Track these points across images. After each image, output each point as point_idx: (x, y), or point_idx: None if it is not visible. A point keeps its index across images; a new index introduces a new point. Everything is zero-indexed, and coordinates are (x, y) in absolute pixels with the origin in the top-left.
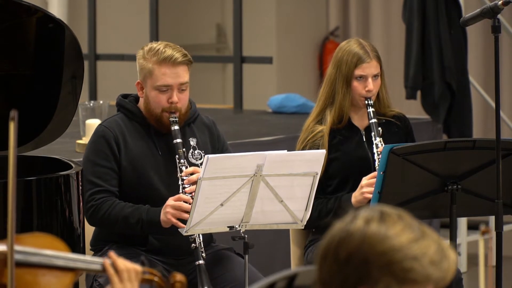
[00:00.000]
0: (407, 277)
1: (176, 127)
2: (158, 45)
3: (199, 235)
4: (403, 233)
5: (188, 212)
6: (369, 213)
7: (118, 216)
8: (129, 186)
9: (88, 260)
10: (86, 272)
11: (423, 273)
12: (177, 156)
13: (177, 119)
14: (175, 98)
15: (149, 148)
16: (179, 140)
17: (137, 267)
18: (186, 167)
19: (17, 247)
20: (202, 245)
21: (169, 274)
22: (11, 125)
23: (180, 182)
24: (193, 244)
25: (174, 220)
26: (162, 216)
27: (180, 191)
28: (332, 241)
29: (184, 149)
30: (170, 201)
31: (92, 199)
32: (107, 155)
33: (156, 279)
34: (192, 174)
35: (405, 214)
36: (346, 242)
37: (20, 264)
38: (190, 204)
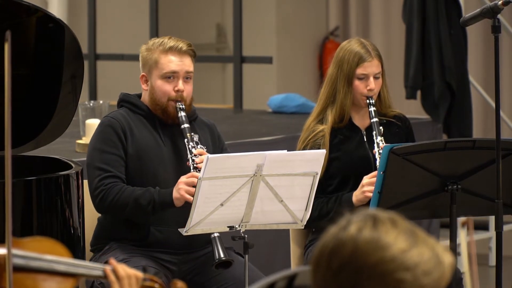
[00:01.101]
0: None
1: (183, 114)
2: (161, 38)
3: None
4: (396, 241)
5: None
6: (362, 219)
7: (129, 199)
8: (133, 175)
9: (90, 266)
10: (88, 278)
11: (416, 284)
12: (186, 139)
13: (183, 106)
14: (181, 86)
15: (155, 139)
16: (186, 125)
17: (138, 273)
18: (196, 149)
19: (18, 252)
20: None
21: (170, 281)
22: (6, 46)
23: (191, 163)
24: None
25: (188, 196)
26: (175, 193)
27: (192, 169)
28: (325, 249)
29: (192, 134)
30: (183, 178)
31: (101, 184)
32: (115, 143)
33: (157, 286)
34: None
35: (399, 219)
36: (338, 251)
37: (21, 269)
38: None
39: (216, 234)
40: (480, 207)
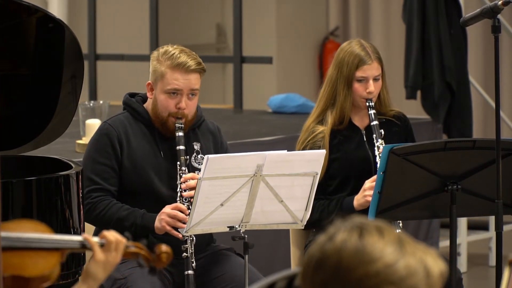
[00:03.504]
0: None
1: (181, 134)
2: (174, 50)
3: (191, 244)
4: (382, 254)
5: (183, 222)
6: (349, 229)
7: (113, 217)
8: (129, 186)
9: (68, 239)
10: (72, 251)
11: None
12: (178, 163)
13: (182, 125)
14: (183, 104)
15: (152, 149)
16: (182, 147)
17: (123, 239)
18: (186, 173)
19: (1, 233)
20: (193, 255)
21: (154, 247)
22: None
23: (178, 189)
24: (184, 254)
25: (168, 228)
26: (156, 223)
27: (178, 198)
28: (311, 261)
29: (186, 157)
30: (167, 208)
31: (89, 196)
32: (108, 154)
33: (142, 252)
34: (192, 179)
35: (387, 229)
36: (322, 266)
37: (6, 248)
38: (187, 214)
39: (189, 272)
40: (480, 207)
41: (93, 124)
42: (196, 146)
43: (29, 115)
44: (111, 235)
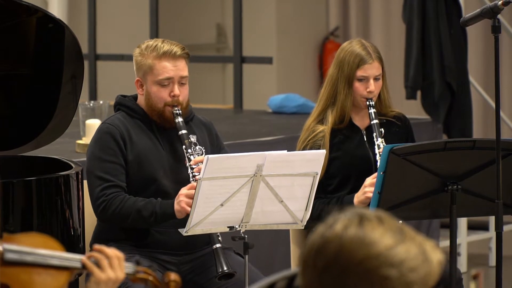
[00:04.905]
0: (385, 285)
1: (180, 119)
2: (155, 42)
3: None
4: (382, 238)
5: None
6: (349, 217)
7: (131, 210)
8: (134, 181)
9: (75, 258)
10: (80, 272)
11: (402, 280)
12: (184, 146)
13: (180, 111)
14: (177, 91)
15: (153, 143)
16: (184, 131)
17: (119, 253)
18: (194, 157)
19: (11, 246)
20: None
21: (164, 273)
22: None
23: (189, 171)
24: None
25: (188, 209)
26: (176, 206)
27: (190, 179)
28: (311, 248)
29: (190, 139)
30: (183, 190)
31: (103, 194)
32: (114, 151)
33: (150, 278)
34: (201, 163)
35: (387, 217)
36: (323, 251)
37: (15, 263)
38: None
39: (217, 246)
40: (480, 207)
41: (93, 124)
42: (193, 138)
43: (29, 115)
44: (98, 252)
